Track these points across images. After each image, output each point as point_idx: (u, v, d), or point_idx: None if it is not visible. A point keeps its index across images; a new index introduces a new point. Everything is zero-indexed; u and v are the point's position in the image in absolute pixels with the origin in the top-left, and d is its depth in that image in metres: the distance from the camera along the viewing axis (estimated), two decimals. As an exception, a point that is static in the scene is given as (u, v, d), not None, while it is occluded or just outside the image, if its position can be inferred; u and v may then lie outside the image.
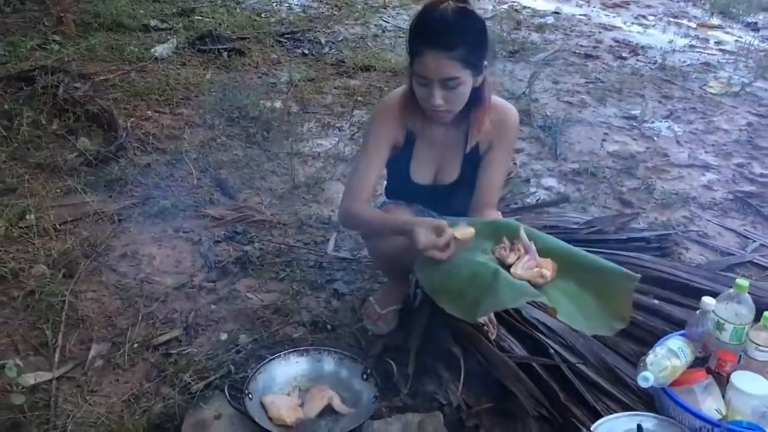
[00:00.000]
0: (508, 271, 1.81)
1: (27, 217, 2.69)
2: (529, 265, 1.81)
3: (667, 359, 1.86)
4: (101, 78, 4.02)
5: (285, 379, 1.92)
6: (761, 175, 3.48)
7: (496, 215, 2.11)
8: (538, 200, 3.12)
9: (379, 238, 2.09)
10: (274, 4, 5.96)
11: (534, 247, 1.85)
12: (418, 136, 2.09)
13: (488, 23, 5.57)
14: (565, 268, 1.86)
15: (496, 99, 2.11)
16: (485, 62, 1.94)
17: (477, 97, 1.97)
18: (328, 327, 2.25)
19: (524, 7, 6.51)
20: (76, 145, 3.29)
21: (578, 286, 1.83)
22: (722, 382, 1.92)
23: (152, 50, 4.51)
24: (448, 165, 2.10)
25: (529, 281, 1.78)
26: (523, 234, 1.88)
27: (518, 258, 1.83)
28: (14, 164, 3.11)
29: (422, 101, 1.95)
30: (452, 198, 2.11)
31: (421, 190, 2.14)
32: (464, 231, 1.85)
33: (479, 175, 2.09)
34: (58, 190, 2.94)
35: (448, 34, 1.85)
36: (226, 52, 4.57)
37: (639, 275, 1.88)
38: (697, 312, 2.01)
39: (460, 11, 1.87)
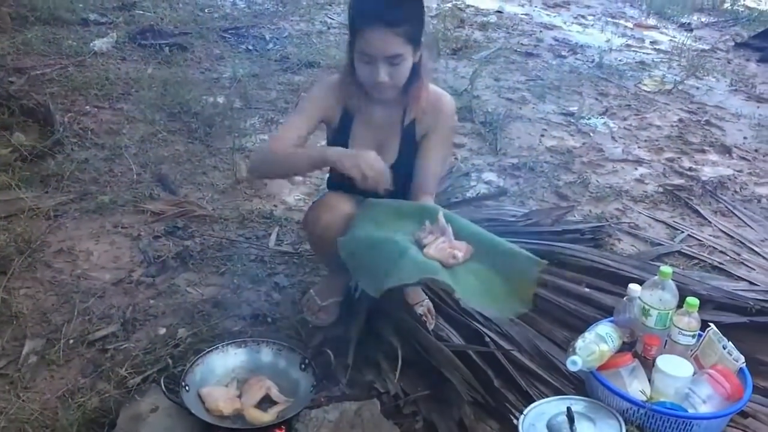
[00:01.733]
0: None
1: (-42, 213, 2.63)
2: (441, 247, 1.86)
3: (595, 344, 1.93)
4: (38, 72, 3.94)
5: (223, 370, 1.93)
6: (690, 169, 3.62)
7: (430, 201, 2.14)
8: (478, 194, 3.18)
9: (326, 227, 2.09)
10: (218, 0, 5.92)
11: (450, 230, 1.90)
12: (356, 116, 2.11)
13: (432, 21, 5.67)
14: (479, 252, 1.91)
15: (433, 87, 2.15)
16: (422, 38, 1.97)
17: (415, 72, 2.00)
18: (269, 320, 2.26)
19: (468, 6, 6.60)
20: (10, 140, 3.21)
21: (489, 269, 1.88)
22: (648, 365, 2.00)
23: (91, 44, 4.43)
24: (387, 147, 2.12)
25: (441, 261, 1.83)
26: (440, 217, 1.92)
27: (435, 240, 1.88)
28: (-56, 160, 3.03)
29: (365, 78, 1.97)
30: (393, 181, 2.13)
31: None
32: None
33: (416, 162, 2.12)
34: (-8, 186, 2.88)
35: (393, 9, 1.87)
36: (167, 47, 4.52)
37: (545, 261, 1.93)
38: (624, 299, 2.09)
39: None
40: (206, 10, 5.52)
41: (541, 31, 5.98)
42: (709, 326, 2.03)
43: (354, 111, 2.10)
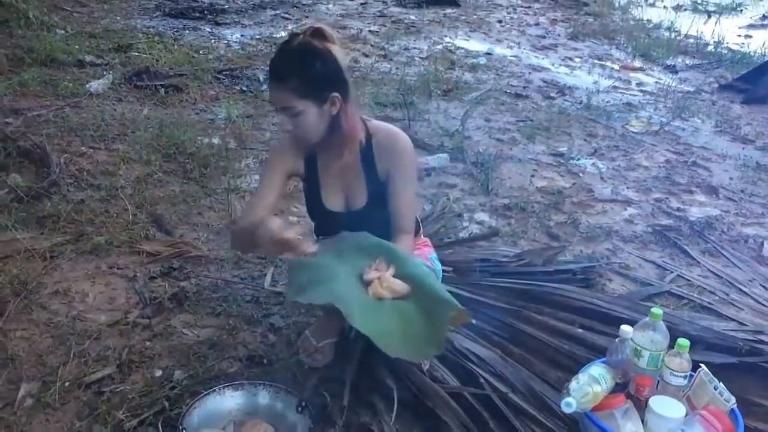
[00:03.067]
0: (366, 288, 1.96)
1: (-46, 254, 2.64)
2: (375, 282, 1.96)
3: (588, 385, 1.95)
4: (34, 113, 3.99)
5: (220, 413, 1.93)
6: (678, 209, 3.68)
7: (406, 239, 2.21)
8: (470, 234, 3.22)
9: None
10: (213, 41, 6.02)
11: (390, 270, 1.99)
12: (319, 162, 2.22)
13: (423, 63, 5.75)
14: (415, 293, 1.98)
15: (384, 127, 2.23)
16: (333, 93, 2.04)
17: (336, 124, 2.09)
18: (265, 361, 2.27)
19: (458, 48, 6.74)
20: (6, 181, 3.24)
21: (415, 309, 1.94)
22: (641, 406, 2.01)
23: (87, 86, 4.49)
24: (355, 190, 2.21)
25: (375, 294, 1.94)
26: (383, 258, 2.02)
27: (378, 276, 1.97)
28: (-59, 201, 3.05)
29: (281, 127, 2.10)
30: (368, 222, 2.18)
31: (337, 217, 2.23)
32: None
33: (388, 203, 2.20)
34: (-12, 227, 2.89)
35: (279, 67, 2.02)
36: (163, 88, 4.59)
37: (460, 307, 1.96)
38: (617, 340, 2.12)
39: (301, 45, 2.00)
40: (201, 52, 5.61)
41: (530, 73, 6.10)
42: (700, 367, 2.05)
43: (317, 158, 2.20)
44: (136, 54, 5.32)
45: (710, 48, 7.53)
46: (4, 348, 2.23)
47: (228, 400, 1.96)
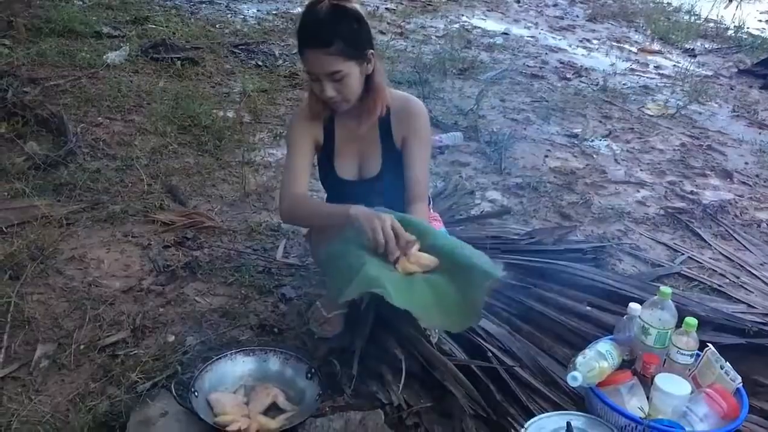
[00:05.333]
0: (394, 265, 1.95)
1: (-27, 219, 2.69)
2: (403, 259, 1.95)
3: (595, 361, 1.97)
4: (52, 83, 4.02)
5: (231, 377, 1.97)
6: (691, 192, 3.67)
7: (422, 208, 2.21)
8: (481, 212, 3.23)
9: (322, 235, 2.17)
10: (229, 16, 6.02)
11: (416, 245, 1.97)
12: (337, 131, 2.22)
13: (439, 42, 5.74)
14: (445, 264, 1.99)
15: (400, 95, 2.24)
16: (369, 50, 2.05)
17: (370, 83, 2.09)
18: (275, 330, 2.30)
19: (475, 27, 6.70)
20: (24, 149, 3.28)
21: (447, 282, 1.94)
22: (647, 383, 2.03)
23: (104, 57, 4.51)
24: (370, 159, 2.22)
25: (404, 270, 1.93)
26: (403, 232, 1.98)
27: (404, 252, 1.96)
28: (-40, 167, 3.09)
29: (319, 95, 2.08)
30: (381, 192, 2.19)
31: (350, 186, 2.24)
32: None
33: (404, 171, 2.20)
34: (6, 193, 2.94)
35: (321, 32, 1.98)
36: (179, 61, 4.60)
37: (499, 273, 1.96)
38: (624, 317, 2.14)
39: (332, 8, 1.99)
40: (217, 26, 5.62)
41: (546, 54, 6.06)
42: (707, 346, 2.07)
43: (334, 126, 2.21)
44: (153, 26, 5.34)
45: (730, 32, 7.44)
46: (21, 310, 2.28)
47: (239, 365, 2.00)
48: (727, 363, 2.03)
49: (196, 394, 1.85)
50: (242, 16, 6.03)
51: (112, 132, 3.61)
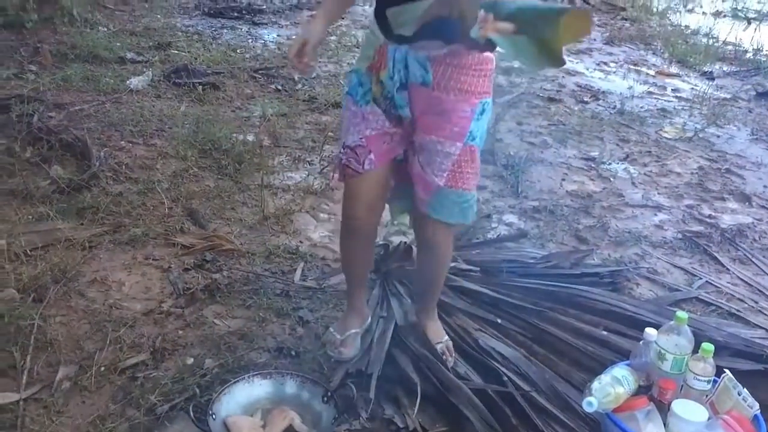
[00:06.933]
0: None
1: (-2, 241, 2.75)
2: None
3: (611, 386, 1.97)
4: (76, 108, 4.10)
5: (248, 400, 1.99)
6: (709, 216, 3.66)
7: None
8: (498, 235, 3.24)
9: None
10: (250, 41, 6.11)
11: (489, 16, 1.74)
12: None
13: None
14: (522, 26, 1.72)
15: None
16: None
17: None
18: (293, 353, 2.33)
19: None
20: (49, 173, 3.35)
21: (528, 39, 1.71)
22: (664, 409, 2.02)
23: (127, 82, 4.60)
24: None
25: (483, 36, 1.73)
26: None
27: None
28: (-14, 190, 3.17)
29: None
30: None
31: None
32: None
33: None
34: (30, 217, 3.00)
35: None
36: (200, 86, 4.68)
37: (569, 7, 1.76)
38: (641, 343, 2.13)
39: None
40: (238, 51, 5.71)
41: (563, 77, 6.07)
42: (725, 372, 2.06)
43: None
44: (175, 52, 5.43)
45: (749, 55, 7.41)
46: (43, 332, 2.32)
47: (256, 388, 2.02)
48: (745, 389, 2.02)
49: (213, 416, 1.88)
50: (262, 41, 6.13)
51: (135, 156, 3.68)
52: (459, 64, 1.95)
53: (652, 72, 6.58)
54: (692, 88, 6.10)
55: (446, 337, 2.34)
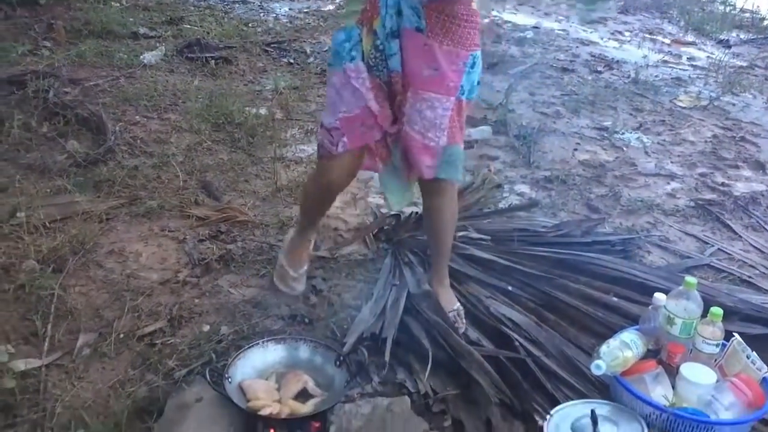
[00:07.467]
0: None
1: (18, 214, 2.79)
2: None
3: (619, 350, 2.00)
4: (91, 83, 4.13)
5: (263, 365, 2.04)
6: (722, 184, 3.65)
7: None
8: (509, 205, 3.25)
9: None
10: (262, 14, 6.10)
11: None
12: None
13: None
14: None
15: None
16: None
17: None
18: (306, 320, 2.37)
19: (505, 21, 6.68)
20: (65, 147, 3.39)
21: None
22: (672, 372, 2.05)
23: (141, 57, 4.62)
24: None
25: None
26: None
27: None
28: (5, 165, 3.21)
29: None
30: None
31: None
32: None
33: None
34: (48, 190, 3.05)
35: None
36: (213, 60, 4.69)
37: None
38: (650, 307, 2.15)
39: None
40: (250, 25, 5.70)
41: (577, 47, 6.03)
42: (734, 336, 2.08)
43: None
44: (188, 27, 5.44)
45: (766, 22, 7.31)
46: (63, 301, 2.38)
47: (271, 353, 2.07)
48: (754, 353, 2.04)
49: (229, 380, 1.92)
50: (274, 15, 6.12)
51: (149, 130, 3.71)
52: (451, 13, 1.99)
53: (667, 40, 6.51)
54: (708, 57, 6.04)
55: (458, 304, 2.37)
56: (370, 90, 2.07)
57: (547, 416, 1.94)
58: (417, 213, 2.85)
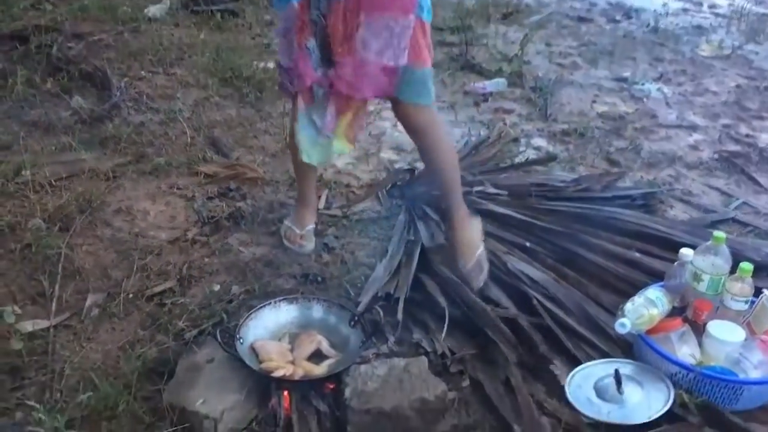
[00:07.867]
0: None
1: (23, 173, 2.74)
2: None
3: (644, 307, 1.93)
4: (95, 38, 4.04)
5: (276, 325, 1.99)
6: (747, 135, 3.53)
7: None
8: (526, 159, 3.16)
9: None
10: (268, -34, 5.94)
11: None
12: None
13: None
14: None
15: None
16: None
17: None
18: (318, 279, 2.30)
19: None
20: (70, 103, 3.32)
21: None
22: (698, 330, 1.99)
23: (145, 11, 4.51)
24: None
25: None
26: None
27: None
28: (9, 122, 3.16)
29: None
30: None
31: None
32: None
33: None
34: (53, 147, 2.98)
35: None
36: (219, 13, 4.58)
37: None
38: (676, 263, 2.08)
39: None
40: (257, -24, 5.55)
41: (594, -5, 5.84)
42: (763, 292, 2.00)
43: None
44: (193, -22, 5.30)
45: (791, -32, 7.05)
46: (71, 261, 2.33)
47: (283, 313, 2.02)
48: (784, 310, 1.97)
49: (241, 341, 1.87)
50: (281, -34, 5.95)
51: (155, 85, 3.62)
52: None
53: (688, -12, 6.29)
54: (730, 4, 5.84)
55: (481, 248, 2.27)
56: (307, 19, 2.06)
57: (569, 376, 1.88)
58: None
